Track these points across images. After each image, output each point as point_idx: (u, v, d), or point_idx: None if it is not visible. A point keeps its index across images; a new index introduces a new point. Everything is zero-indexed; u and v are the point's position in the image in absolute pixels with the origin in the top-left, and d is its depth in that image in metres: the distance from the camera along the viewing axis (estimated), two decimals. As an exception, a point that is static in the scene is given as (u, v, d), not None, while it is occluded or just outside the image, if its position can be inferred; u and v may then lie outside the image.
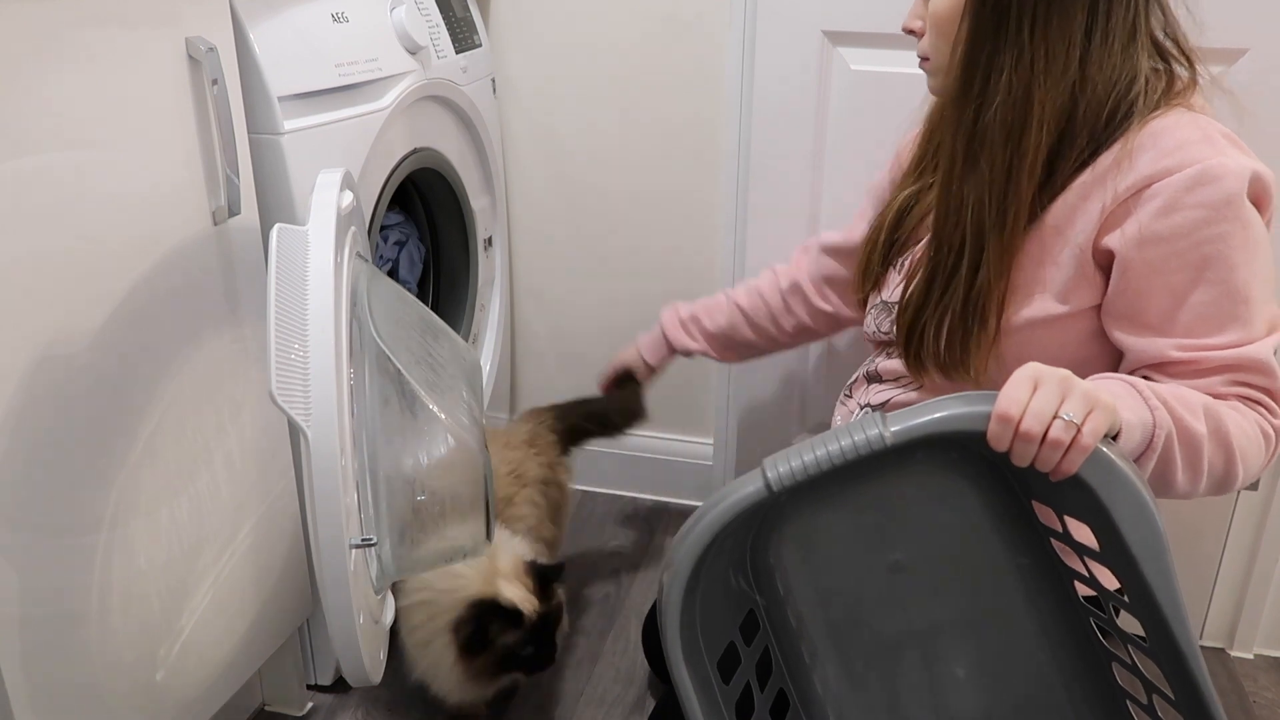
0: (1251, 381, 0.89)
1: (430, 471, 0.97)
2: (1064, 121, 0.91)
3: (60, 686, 0.95)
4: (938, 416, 0.77)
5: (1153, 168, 0.88)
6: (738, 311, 1.43)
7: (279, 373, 0.79)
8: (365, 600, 0.91)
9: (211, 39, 1.03)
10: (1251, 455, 0.88)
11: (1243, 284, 0.88)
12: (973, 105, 0.93)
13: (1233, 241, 0.87)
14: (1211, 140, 0.89)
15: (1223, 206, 0.86)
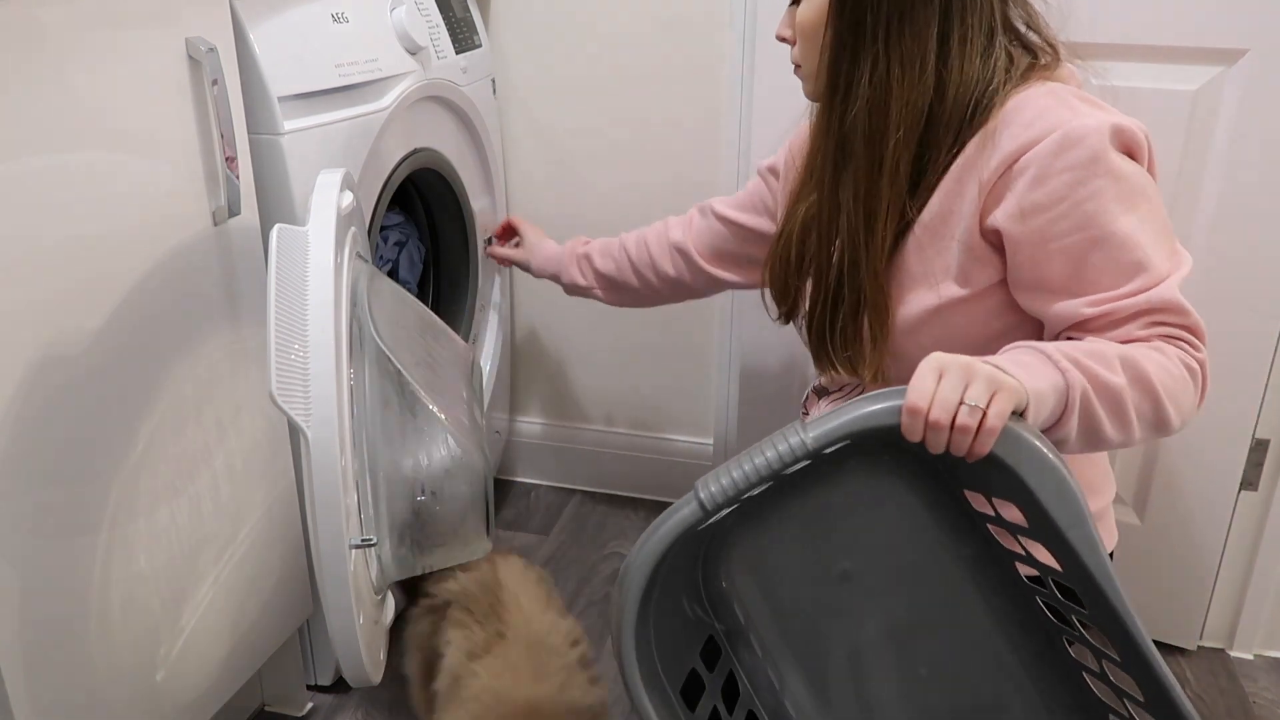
0: (1167, 320, 0.90)
1: (430, 472, 0.97)
2: (924, 122, 0.95)
3: (60, 687, 0.95)
4: (852, 417, 0.78)
5: (1016, 142, 0.91)
6: (624, 255, 1.45)
7: (279, 373, 0.79)
8: (365, 600, 0.91)
9: (211, 39, 1.03)
10: (1180, 394, 0.88)
11: (1131, 232, 0.90)
12: (837, 111, 0.97)
13: (1108, 195, 0.89)
14: (1068, 104, 0.92)
15: (1090, 164, 0.88)
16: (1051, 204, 0.90)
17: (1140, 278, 0.89)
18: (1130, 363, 0.86)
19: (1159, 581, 1.52)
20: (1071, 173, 0.89)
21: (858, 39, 0.95)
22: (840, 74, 0.97)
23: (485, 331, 1.78)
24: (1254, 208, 1.31)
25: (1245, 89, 1.27)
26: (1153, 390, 0.86)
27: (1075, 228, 0.90)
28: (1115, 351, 0.86)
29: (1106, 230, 0.89)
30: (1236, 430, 1.42)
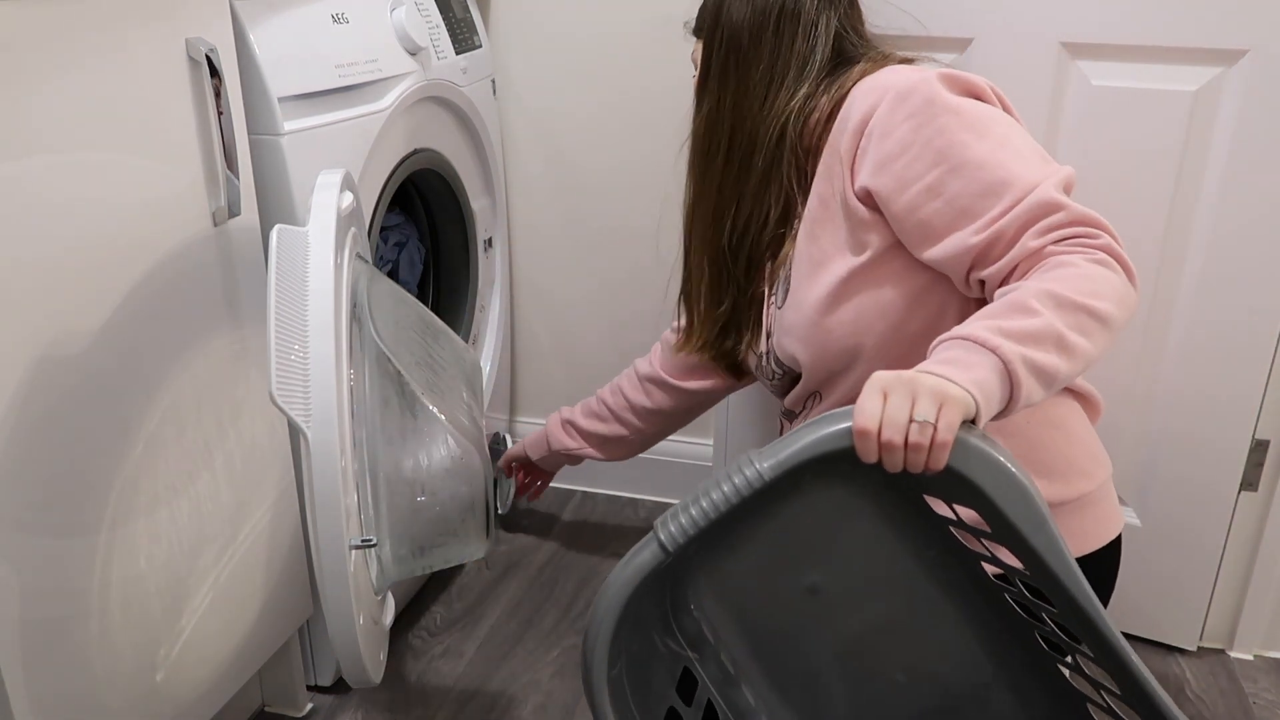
0: (1055, 223, 0.91)
1: (430, 472, 0.97)
2: (753, 143, 1.10)
3: (60, 687, 0.95)
4: (804, 444, 0.78)
5: (860, 112, 1.00)
6: (604, 407, 1.51)
7: (279, 374, 0.79)
8: (365, 601, 0.91)
9: (212, 40, 1.03)
10: (1103, 289, 0.86)
11: (987, 155, 0.94)
12: (692, 129, 1.16)
13: (953, 128, 0.95)
14: (899, 71, 1.01)
15: (926, 107, 0.96)
16: (903, 150, 0.96)
17: (1010, 192, 0.93)
18: (1045, 294, 0.84)
19: (1159, 582, 1.52)
20: (912, 119, 0.96)
21: (706, 77, 1.13)
22: (696, 107, 1.16)
23: (485, 332, 1.78)
24: (1254, 208, 1.31)
25: (1245, 89, 1.27)
26: (1076, 304, 0.84)
27: (931, 164, 0.95)
28: (1028, 293, 0.85)
29: (961, 158, 0.94)
30: (1236, 431, 1.42)
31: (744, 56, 1.09)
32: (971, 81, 1.00)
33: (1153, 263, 1.38)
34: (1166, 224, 1.36)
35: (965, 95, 0.98)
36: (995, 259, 0.94)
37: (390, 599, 1.08)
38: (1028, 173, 0.93)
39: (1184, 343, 1.40)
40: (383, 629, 1.03)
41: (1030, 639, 0.94)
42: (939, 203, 0.95)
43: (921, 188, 0.96)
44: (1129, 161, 1.35)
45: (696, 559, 0.96)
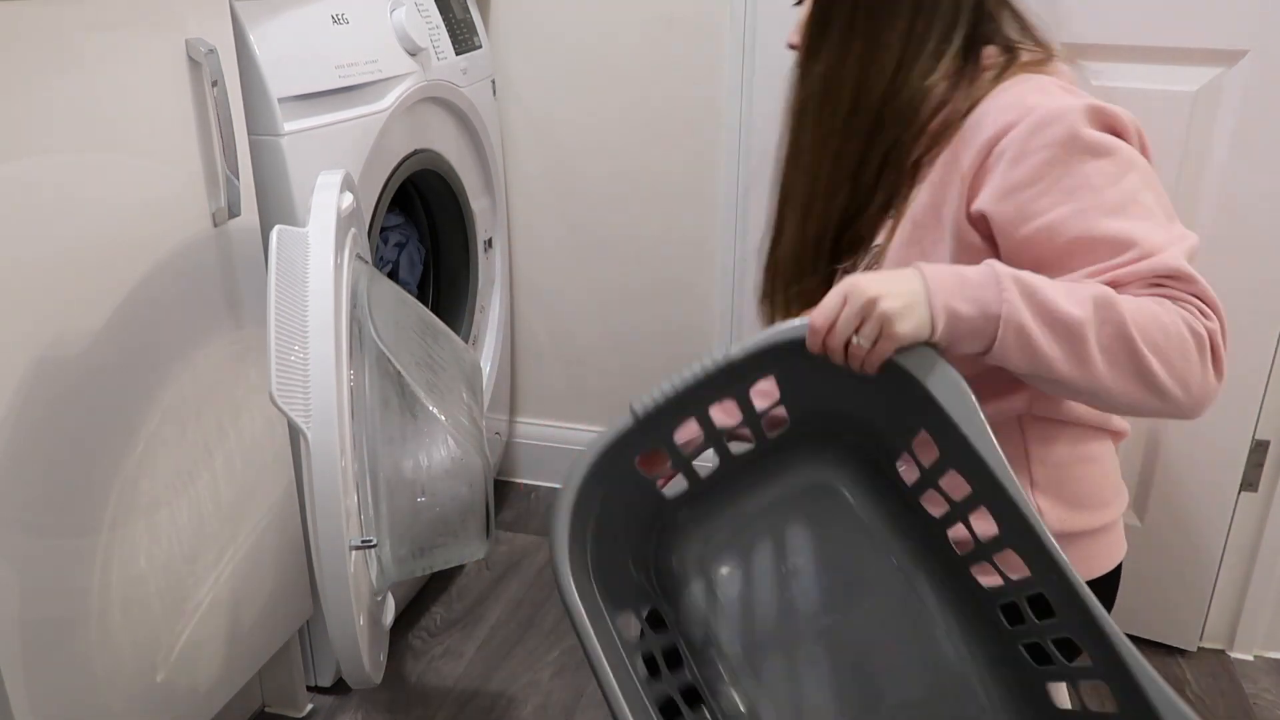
0: (1175, 287, 0.86)
1: (430, 473, 0.97)
2: (880, 110, 0.98)
3: (60, 688, 0.95)
4: (767, 334, 0.86)
5: (994, 127, 0.91)
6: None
7: (279, 374, 0.79)
8: (365, 602, 0.91)
9: (212, 40, 1.04)
10: (1169, 349, 0.83)
11: (1119, 204, 0.88)
12: (801, 89, 1.03)
13: (1088, 169, 0.88)
14: (1046, 90, 0.92)
15: (1068, 142, 0.88)
16: (1031, 181, 0.89)
17: (1134, 249, 0.87)
18: (1105, 301, 0.83)
19: (1159, 583, 1.52)
20: (1049, 150, 0.88)
21: (826, 26, 0.99)
22: (806, 59, 1.02)
23: (485, 332, 1.78)
24: (1254, 209, 1.31)
25: (1245, 90, 1.27)
26: (1125, 331, 0.82)
27: (1057, 203, 0.89)
28: (1092, 290, 0.83)
29: (1091, 203, 0.88)
30: (1236, 431, 1.42)
31: (879, 8, 0.96)
32: (1117, 117, 0.91)
33: (1153, 263, 1.38)
34: (1166, 224, 1.36)
35: (1108, 132, 0.91)
36: None
37: (390, 600, 1.08)
38: (1156, 233, 0.87)
39: (1184, 343, 1.40)
40: (383, 630, 1.03)
41: (1018, 656, 0.93)
42: (1057, 243, 0.89)
43: (1043, 224, 0.89)
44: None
45: (689, 527, 0.98)
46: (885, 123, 0.98)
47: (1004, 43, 0.99)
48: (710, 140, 1.70)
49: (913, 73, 0.97)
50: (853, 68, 0.98)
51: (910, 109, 0.97)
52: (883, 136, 0.99)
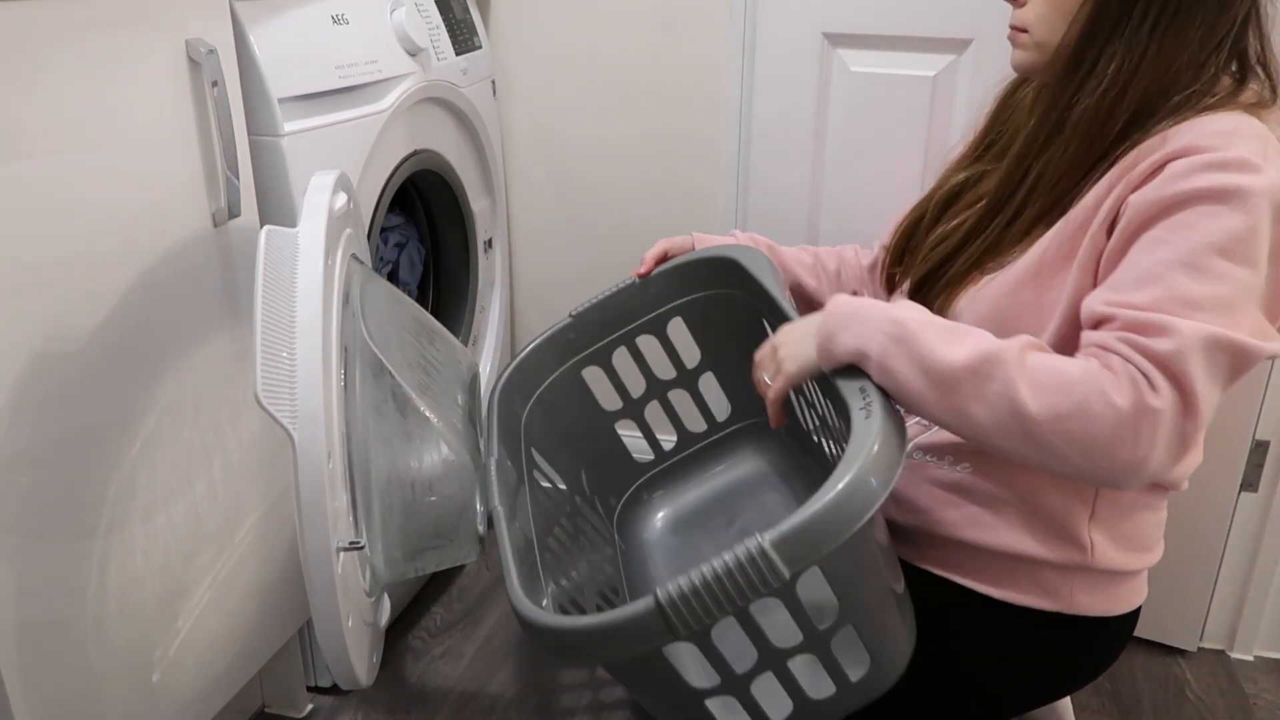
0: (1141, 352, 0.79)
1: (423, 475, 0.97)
2: (1143, 116, 0.89)
3: (58, 689, 0.95)
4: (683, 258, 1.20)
5: (1181, 143, 0.84)
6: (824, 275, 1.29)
7: (265, 376, 0.79)
8: (356, 603, 0.91)
9: (211, 41, 1.04)
10: (1066, 410, 0.79)
11: (1198, 256, 0.80)
12: (1072, 87, 0.91)
13: (1220, 221, 0.80)
14: (1260, 144, 0.83)
15: (1233, 194, 0.80)
16: (1171, 200, 0.82)
17: (1176, 313, 0.79)
18: (995, 356, 0.81)
19: (1159, 583, 1.51)
20: (1210, 184, 0.81)
21: (1122, 14, 0.87)
22: (1089, 51, 0.90)
23: (485, 333, 1.78)
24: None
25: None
26: (1011, 390, 0.80)
27: (1160, 226, 0.83)
28: (987, 344, 0.82)
29: (1179, 240, 0.81)
30: (1236, 432, 1.42)
31: (1185, 3, 0.86)
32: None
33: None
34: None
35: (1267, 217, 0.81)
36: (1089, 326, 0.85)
37: (386, 600, 1.08)
38: (1208, 315, 0.79)
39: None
40: (377, 631, 1.02)
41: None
42: (1128, 258, 0.84)
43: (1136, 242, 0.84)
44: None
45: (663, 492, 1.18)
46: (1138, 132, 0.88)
47: (1240, 65, 0.91)
48: (711, 140, 1.70)
49: (1184, 81, 0.87)
50: (1147, 71, 0.87)
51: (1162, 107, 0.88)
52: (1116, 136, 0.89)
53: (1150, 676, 1.51)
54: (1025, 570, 0.98)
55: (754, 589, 0.75)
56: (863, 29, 1.46)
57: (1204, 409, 0.78)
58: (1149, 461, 0.78)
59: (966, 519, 0.99)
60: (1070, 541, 0.96)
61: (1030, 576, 0.98)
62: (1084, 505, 0.96)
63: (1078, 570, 0.97)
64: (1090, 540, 0.96)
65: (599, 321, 1.21)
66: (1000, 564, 0.98)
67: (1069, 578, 0.97)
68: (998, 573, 0.99)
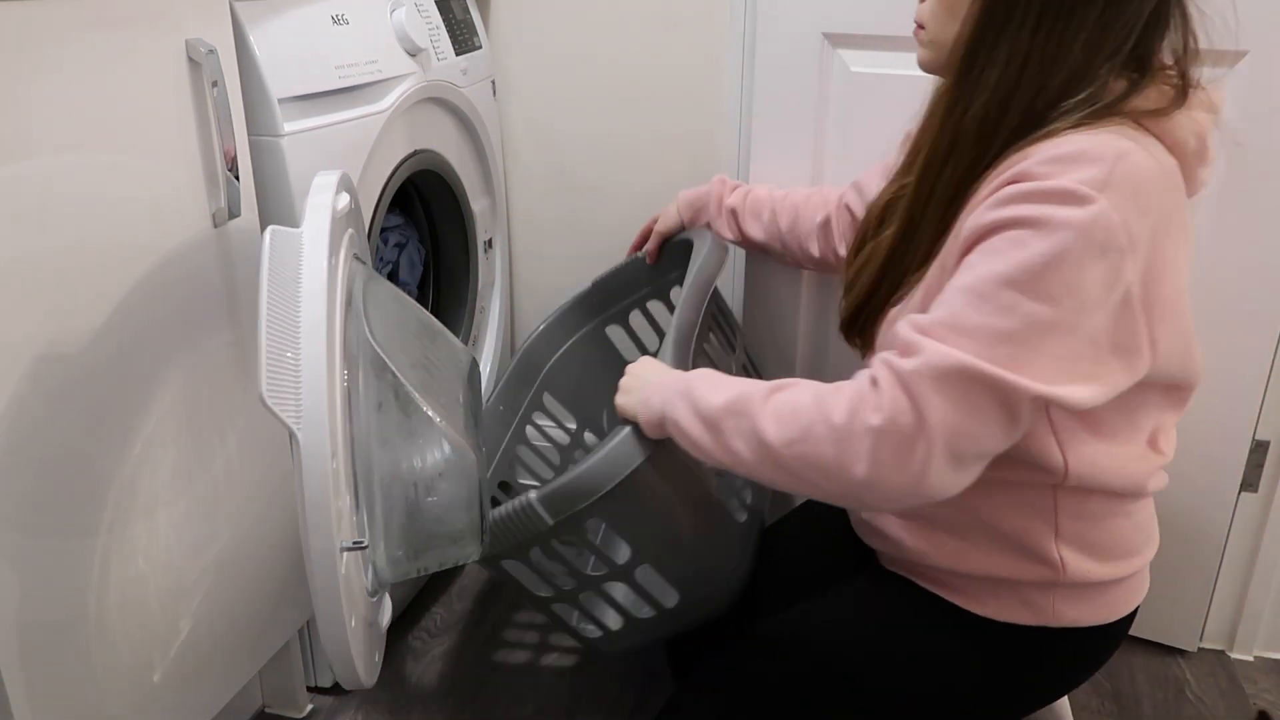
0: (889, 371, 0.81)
1: (425, 474, 0.97)
2: (1031, 125, 0.86)
3: (59, 689, 0.95)
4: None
5: (1017, 169, 0.82)
6: (776, 226, 1.39)
7: (269, 375, 0.79)
8: (358, 603, 0.91)
9: (211, 41, 1.04)
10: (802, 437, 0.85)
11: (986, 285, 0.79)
12: (966, 94, 0.89)
13: (1020, 253, 0.79)
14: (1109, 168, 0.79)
15: (1042, 224, 0.78)
16: (987, 231, 0.82)
17: (940, 336, 0.80)
18: (745, 396, 0.91)
19: (1159, 583, 1.51)
20: (1021, 218, 0.80)
21: (1007, 18, 0.85)
22: (978, 55, 0.87)
23: (485, 333, 1.78)
24: (1253, 208, 1.31)
25: (1245, 91, 1.27)
26: (756, 425, 0.88)
27: (975, 258, 0.82)
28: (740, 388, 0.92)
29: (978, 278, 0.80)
30: (1236, 432, 1.42)
31: (1071, 7, 0.82)
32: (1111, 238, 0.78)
33: (1153, 264, 1.38)
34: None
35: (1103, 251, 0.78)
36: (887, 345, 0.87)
37: (388, 600, 1.08)
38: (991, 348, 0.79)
39: (1184, 344, 1.40)
40: (379, 630, 1.03)
41: None
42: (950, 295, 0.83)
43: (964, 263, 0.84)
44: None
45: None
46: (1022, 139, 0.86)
47: (1136, 67, 0.87)
48: (711, 140, 1.69)
49: (1078, 90, 0.84)
50: (1031, 78, 0.85)
51: (1043, 115, 0.85)
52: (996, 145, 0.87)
53: (1150, 676, 1.51)
54: (1005, 589, 0.98)
55: (525, 530, 1.04)
56: (863, 29, 1.46)
57: (940, 433, 0.79)
58: (880, 480, 0.82)
59: (934, 547, 1.00)
60: (1041, 560, 0.95)
61: (1010, 594, 0.98)
62: (1046, 524, 0.95)
63: (1054, 586, 0.97)
64: (1060, 557, 0.95)
65: (616, 287, 1.57)
66: (979, 585, 0.99)
67: (1048, 593, 0.97)
68: (979, 593, 0.99)
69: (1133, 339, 0.82)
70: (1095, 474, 0.93)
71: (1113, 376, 0.82)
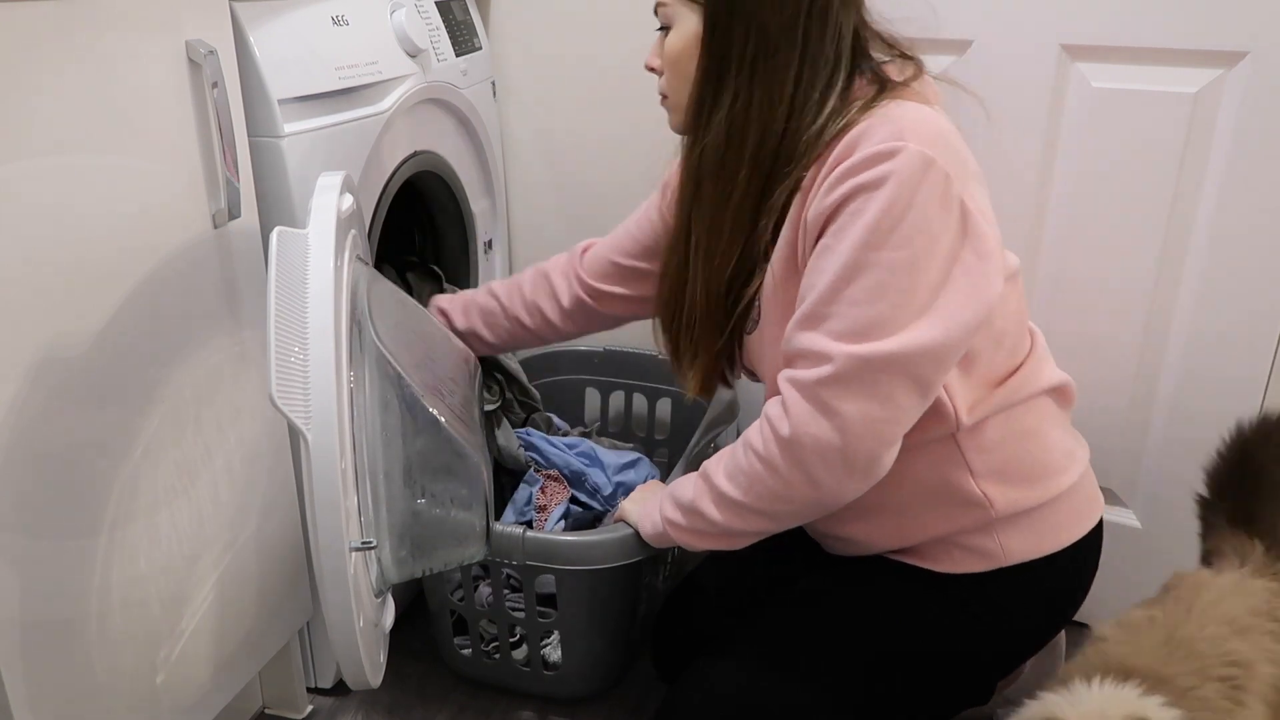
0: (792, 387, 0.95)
1: (430, 474, 0.97)
2: (776, 155, 0.97)
3: (60, 690, 0.95)
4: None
5: (835, 152, 0.92)
6: (495, 302, 1.39)
7: (279, 376, 0.79)
8: (365, 603, 0.91)
9: (212, 42, 1.04)
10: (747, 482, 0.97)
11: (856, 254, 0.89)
12: (698, 145, 1.01)
13: (868, 212, 0.88)
14: (897, 125, 0.90)
15: (875, 185, 0.88)
16: (836, 203, 0.91)
17: (827, 323, 0.90)
18: (704, 474, 1.03)
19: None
20: (858, 195, 0.89)
21: (722, 73, 0.97)
22: (703, 107, 0.99)
23: (485, 334, 1.78)
24: (1254, 210, 1.31)
25: (1245, 91, 1.27)
26: (717, 487, 1.00)
27: (833, 234, 0.91)
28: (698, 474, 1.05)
29: (844, 252, 0.89)
30: (1236, 432, 1.42)
31: (773, 49, 0.95)
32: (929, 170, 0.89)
33: (1153, 264, 1.38)
34: (1167, 225, 1.36)
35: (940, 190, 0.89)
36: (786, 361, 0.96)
37: (391, 601, 1.08)
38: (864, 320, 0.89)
39: (1184, 344, 1.40)
40: (383, 631, 1.03)
41: None
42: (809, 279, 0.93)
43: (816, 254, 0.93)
44: (1130, 163, 1.35)
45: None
46: (778, 170, 0.98)
47: (874, 70, 0.99)
48: (710, 141, 1.70)
49: (805, 116, 0.96)
50: (756, 114, 0.97)
51: (800, 153, 0.97)
52: (775, 185, 0.98)
53: (1150, 677, 1.51)
54: (952, 544, 1.04)
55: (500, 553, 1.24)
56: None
57: (857, 427, 0.90)
58: (824, 484, 0.93)
59: (881, 530, 1.07)
60: (968, 502, 1.02)
61: (960, 547, 1.04)
62: (959, 467, 1.01)
63: (992, 524, 1.03)
64: (984, 493, 1.01)
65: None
66: (933, 548, 1.05)
67: (990, 533, 1.03)
68: (935, 553, 1.06)
69: (984, 238, 0.92)
70: (983, 403, 1.00)
71: (986, 270, 0.91)
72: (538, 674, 1.38)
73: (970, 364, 0.99)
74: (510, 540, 1.21)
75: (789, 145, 0.97)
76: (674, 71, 1.03)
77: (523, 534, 1.21)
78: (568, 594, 1.28)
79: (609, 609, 1.33)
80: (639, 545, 1.18)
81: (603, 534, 1.21)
